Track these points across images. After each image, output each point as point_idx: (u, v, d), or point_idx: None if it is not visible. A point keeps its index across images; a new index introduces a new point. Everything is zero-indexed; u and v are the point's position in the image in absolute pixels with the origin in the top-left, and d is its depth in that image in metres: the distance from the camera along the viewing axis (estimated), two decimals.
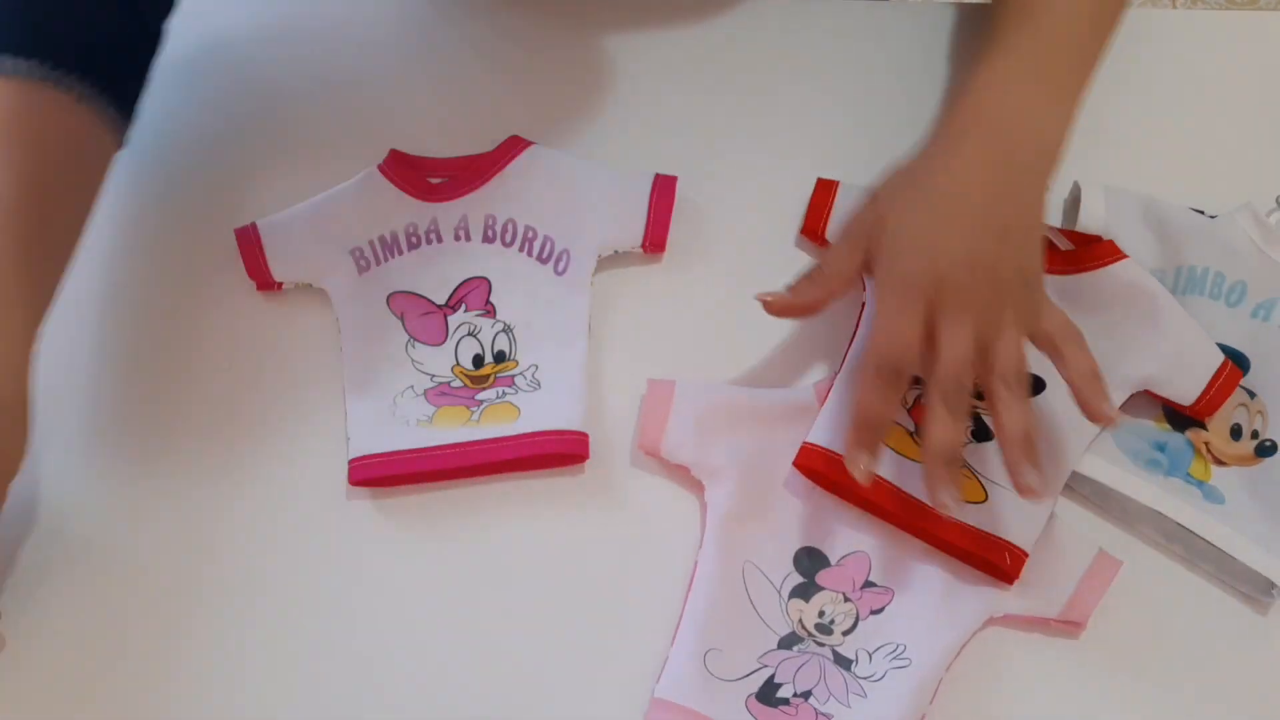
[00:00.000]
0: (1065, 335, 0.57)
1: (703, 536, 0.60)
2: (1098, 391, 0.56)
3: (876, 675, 0.57)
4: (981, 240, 0.57)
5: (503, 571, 0.61)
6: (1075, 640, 0.59)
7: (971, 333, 0.55)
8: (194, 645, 0.59)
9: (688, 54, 0.75)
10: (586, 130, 0.73)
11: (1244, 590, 0.60)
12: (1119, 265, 0.64)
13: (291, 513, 0.62)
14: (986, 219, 0.58)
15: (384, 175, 0.69)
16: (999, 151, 0.60)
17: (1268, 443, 0.62)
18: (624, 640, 0.59)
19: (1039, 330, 0.57)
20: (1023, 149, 0.60)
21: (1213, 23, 0.84)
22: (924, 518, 0.59)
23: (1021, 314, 0.57)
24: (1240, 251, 0.66)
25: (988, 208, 0.58)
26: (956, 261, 0.56)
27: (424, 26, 0.77)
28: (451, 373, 0.64)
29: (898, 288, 0.56)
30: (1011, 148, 0.60)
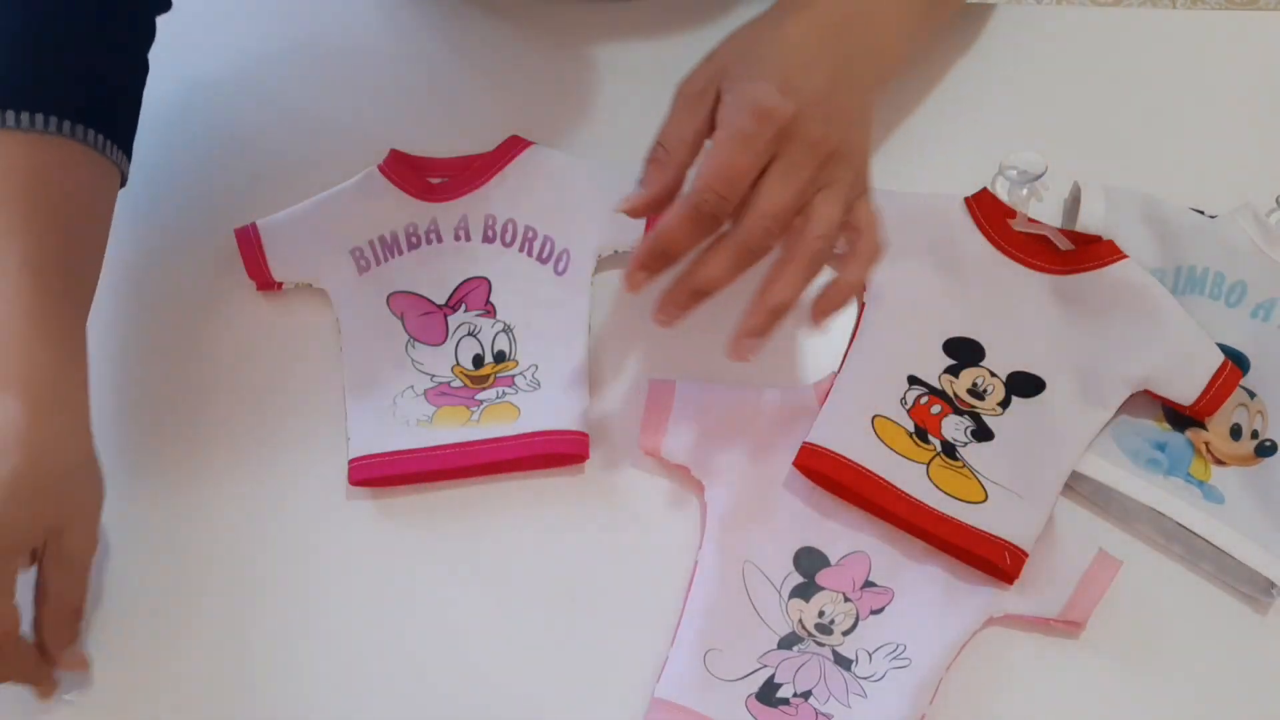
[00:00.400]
0: (872, 226, 0.56)
1: (703, 536, 0.60)
2: (820, 306, 0.56)
3: (876, 675, 0.57)
4: (838, 90, 0.54)
5: (503, 571, 0.61)
6: (1075, 640, 0.59)
7: (800, 188, 0.53)
8: (194, 645, 0.59)
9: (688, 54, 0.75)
10: (586, 130, 0.73)
11: (1244, 590, 0.60)
12: (1119, 265, 0.64)
13: (291, 513, 0.62)
14: (838, 73, 0.55)
15: (384, 175, 0.69)
16: (843, 26, 0.57)
17: (1268, 443, 0.62)
18: (624, 640, 0.59)
19: (859, 209, 0.56)
20: (865, 36, 0.58)
21: (1213, 23, 0.84)
22: (924, 518, 0.59)
23: (855, 185, 0.55)
24: (1240, 251, 0.66)
25: (838, 66, 0.55)
26: (814, 100, 0.53)
27: (424, 27, 0.77)
28: (451, 373, 0.64)
29: (748, 114, 0.52)
30: (853, 30, 0.57)
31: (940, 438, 0.62)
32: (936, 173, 0.70)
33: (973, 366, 0.64)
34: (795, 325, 0.66)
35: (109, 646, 0.59)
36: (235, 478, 0.63)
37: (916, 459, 0.61)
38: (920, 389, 0.63)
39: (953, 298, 0.65)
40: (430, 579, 0.61)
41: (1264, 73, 0.75)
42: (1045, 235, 0.66)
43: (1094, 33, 0.77)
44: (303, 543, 0.61)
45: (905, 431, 0.62)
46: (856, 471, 0.59)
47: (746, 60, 0.54)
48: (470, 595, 0.60)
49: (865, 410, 0.62)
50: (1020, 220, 0.66)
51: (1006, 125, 0.73)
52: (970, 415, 0.62)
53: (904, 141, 0.72)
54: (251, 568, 0.61)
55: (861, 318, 0.65)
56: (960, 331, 0.64)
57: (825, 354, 0.65)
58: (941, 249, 0.66)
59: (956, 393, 0.63)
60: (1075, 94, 0.74)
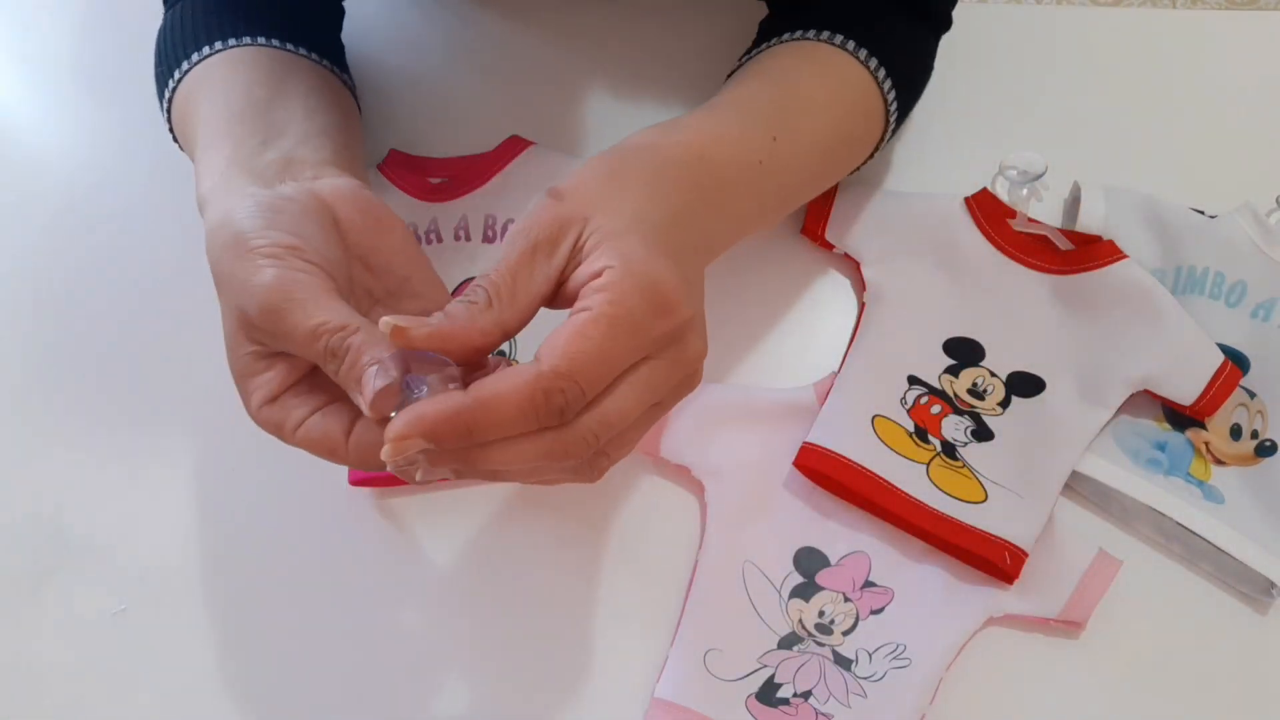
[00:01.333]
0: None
1: (703, 536, 0.60)
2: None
3: (876, 675, 0.57)
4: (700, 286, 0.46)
5: (502, 571, 0.61)
6: (1075, 640, 0.59)
7: (654, 402, 0.43)
8: (193, 645, 0.59)
9: (688, 54, 0.75)
10: (586, 130, 0.73)
11: (1243, 590, 0.60)
12: (1119, 265, 0.64)
13: (291, 513, 0.62)
14: (703, 260, 0.48)
15: (384, 175, 0.69)
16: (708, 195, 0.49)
17: (1268, 443, 0.62)
18: (624, 640, 0.59)
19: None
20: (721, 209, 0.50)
21: (1213, 23, 0.84)
22: (924, 518, 0.59)
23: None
24: (1240, 251, 0.66)
25: (707, 251, 0.48)
26: (699, 305, 0.44)
27: (424, 27, 0.77)
28: None
29: (646, 300, 0.41)
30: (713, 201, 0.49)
31: (940, 438, 0.62)
32: (936, 173, 0.70)
33: (972, 366, 0.64)
34: (794, 325, 0.67)
35: (109, 646, 0.59)
36: (235, 477, 0.63)
37: (916, 459, 0.61)
38: (920, 389, 0.63)
39: (953, 298, 0.65)
40: (430, 579, 0.61)
41: (1264, 73, 0.75)
42: (1045, 235, 0.66)
43: (1094, 33, 0.77)
44: (303, 543, 0.61)
45: (905, 431, 0.62)
46: (856, 471, 0.59)
47: (618, 213, 0.43)
48: (470, 595, 0.60)
49: (865, 410, 0.62)
50: (1020, 220, 0.66)
51: (1006, 125, 0.73)
52: (970, 415, 0.62)
53: (903, 141, 0.72)
54: (251, 567, 0.61)
55: (861, 318, 0.65)
56: (960, 331, 0.65)
57: (825, 354, 0.65)
58: (941, 249, 0.66)
59: (956, 393, 0.63)
60: (1075, 94, 0.74)
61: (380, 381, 0.40)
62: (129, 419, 0.65)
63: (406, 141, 0.70)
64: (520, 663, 0.59)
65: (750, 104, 0.56)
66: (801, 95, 0.58)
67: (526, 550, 0.61)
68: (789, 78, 0.59)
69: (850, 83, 0.60)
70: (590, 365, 0.40)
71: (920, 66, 0.65)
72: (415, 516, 0.62)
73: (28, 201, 0.73)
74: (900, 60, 0.62)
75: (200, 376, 0.66)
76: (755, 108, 0.56)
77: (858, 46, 0.60)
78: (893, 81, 0.61)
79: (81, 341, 0.67)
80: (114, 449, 0.64)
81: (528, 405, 0.39)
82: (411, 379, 0.41)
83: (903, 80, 0.62)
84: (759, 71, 0.60)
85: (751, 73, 0.60)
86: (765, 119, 0.55)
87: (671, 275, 0.42)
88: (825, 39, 0.60)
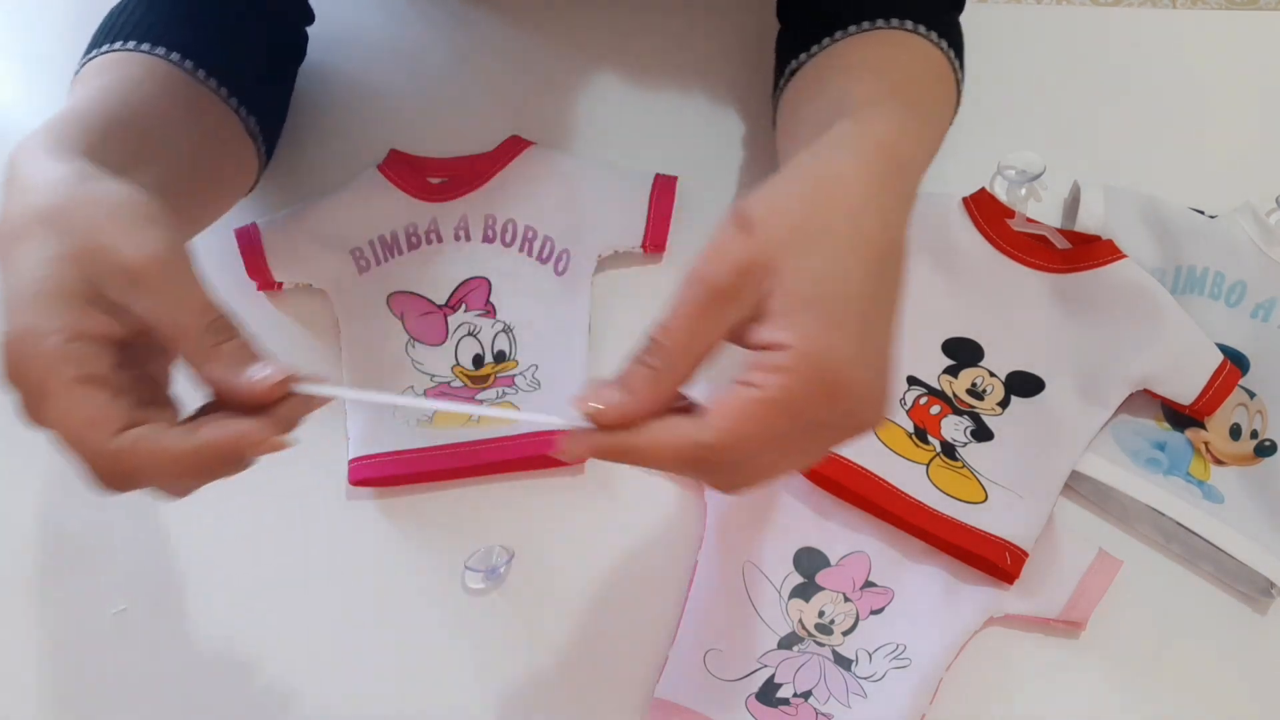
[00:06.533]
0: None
1: (703, 536, 0.60)
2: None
3: (877, 675, 0.57)
4: (887, 347, 0.42)
5: (502, 571, 0.61)
6: (1075, 640, 0.59)
7: (811, 462, 0.44)
8: (193, 645, 0.59)
9: (688, 54, 0.75)
10: (586, 130, 0.73)
11: (1243, 590, 0.60)
12: (1118, 265, 0.64)
13: (291, 513, 0.62)
14: (891, 321, 0.42)
15: (384, 175, 0.69)
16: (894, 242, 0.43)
17: (1267, 442, 0.62)
18: (624, 640, 0.59)
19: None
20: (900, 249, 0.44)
21: (1213, 23, 0.84)
22: (924, 518, 0.59)
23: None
24: (1240, 251, 0.66)
25: (892, 310, 0.42)
26: (880, 374, 0.41)
27: (424, 27, 0.77)
28: (451, 373, 0.64)
29: (817, 387, 0.39)
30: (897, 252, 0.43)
31: (940, 438, 0.62)
32: (935, 172, 0.69)
33: (972, 366, 0.64)
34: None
35: (108, 645, 0.59)
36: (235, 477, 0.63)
37: (916, 459, 0.61)
38: (919, 389, 0.63)
39: (951, 298, 0.65)
40: (430, 579, 0.61)
41: (1264, 73, 0.75)
42: (1044, 235, 0.66)
43: (1094, 33, 0.77)
44: (303, 543, 0.62)
45: (905, 432, 0.62)
46: (856, 472, 0.59)
47: (807, 273, 0.40)
48: (470, 595, 0.60)
49: None
50: (1019, 220, 0.66)
51: (1006, 125, 0.73)
52: (970, 415, 0.62)
53: None
54: (251, 567, 0.61)
55: None
56: (959, 331, 0.64)
57: None
58: (940, 249, 0.66)
59: (956, 393, 0.63)
60: (1075, 94, 0.74)
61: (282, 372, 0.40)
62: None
63: (406, 141, 0.70)
64: (520, 662, 0.59)
65: (903, 96, 0.53)
66: (923, 84, 0.56)
67: (526, 550, 0.61)
68: (902, 68, 0.56)
69: (938, 69, 0.58)
70: (750, 445, 0.39)
71: (963, 46, 0.63)
72: (415, 516, 0.62)
73: None
74: (956, 42, 0.60)
75: None
76: (909, 100, 0.53)
77: (933, 33, 0.58)
78: (959, 62, 0.60)
79: None
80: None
81: (684, 461, 0.40)
82: None
83: (963, 62, 0.61)
84: (868, 64, 0.56)
85: (859, 63, 0.57)
86: (922, 112, 0.53)
87: (851, 359, 0.39)
88: (908, 28, 0.57)
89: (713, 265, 0.40)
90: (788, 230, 0.41)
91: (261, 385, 0.40)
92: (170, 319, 0.40)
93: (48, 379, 0.38)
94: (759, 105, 0.73)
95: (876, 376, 0.41)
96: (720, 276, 0.40)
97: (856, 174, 0.43)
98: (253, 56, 0.63)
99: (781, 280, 0.40)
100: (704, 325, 0.41)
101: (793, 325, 0.39)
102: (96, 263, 0.39)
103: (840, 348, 0.39)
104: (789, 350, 0.39)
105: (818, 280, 0.40)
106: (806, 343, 0.39)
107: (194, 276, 0.40)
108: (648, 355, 0.41)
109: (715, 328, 0.41)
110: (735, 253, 0.40)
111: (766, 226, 0.41)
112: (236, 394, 0.40)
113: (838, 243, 0.41)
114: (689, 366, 0.41)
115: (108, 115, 0.50)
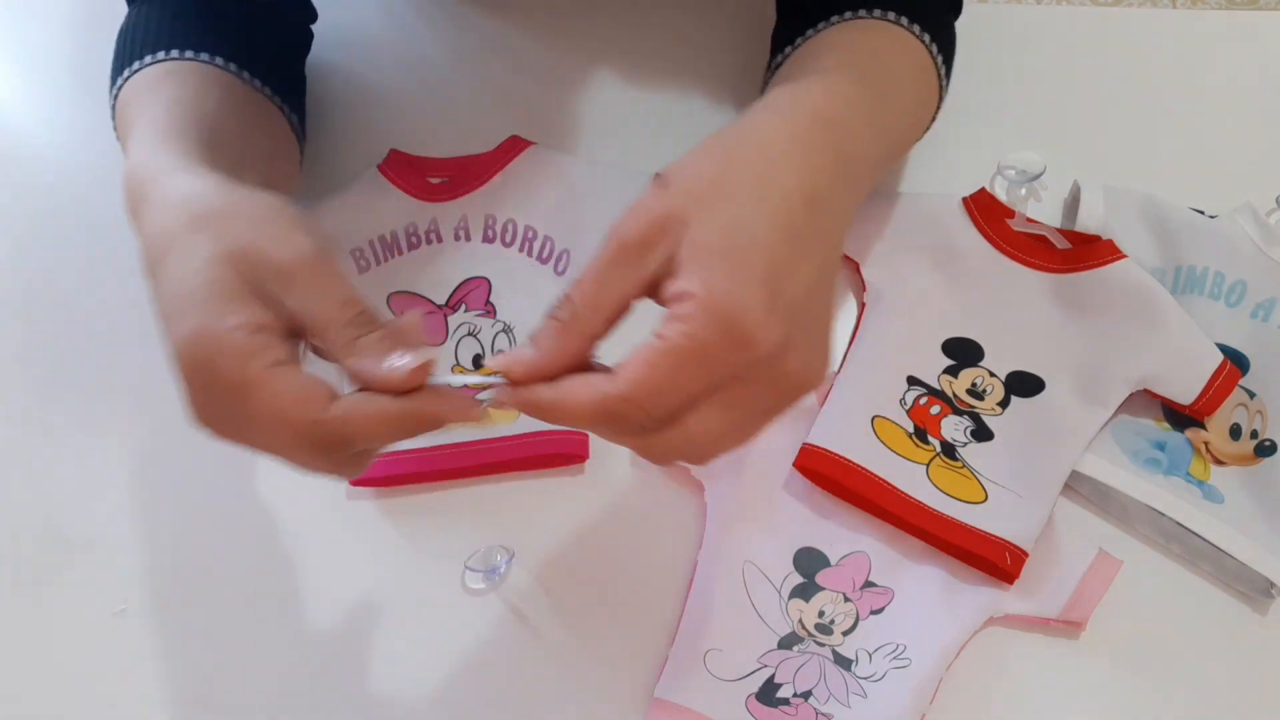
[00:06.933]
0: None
1: (703, 536, 0.60)
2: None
3: (876, 675, 0.57)
4: (818, 298, 0.42)
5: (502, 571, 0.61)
6: (1075, 640, 0.59)
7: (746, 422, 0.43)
8: (193, 644, 0.59)
9: (688, 54, 0.75)
10: (586, 130, 0.73)
11: (1243, 590, 0.60)
12: (1118, 265, 0.64)
13: (291, 512, 0.62)
14: (823, 272, 0.43)
15: (384, 175, 0.69)
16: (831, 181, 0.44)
17: (1267, 442, 0.62)
18: (624, 640, 0.59)
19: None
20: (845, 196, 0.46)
21: (1213, 23, 0.84)
22: (924, 518, 0.59)
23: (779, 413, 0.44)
24: (1240, 251, 0.66)
25: (825, 260, 0.43)
26: (802, 324, 0.41)
27: (424, 27, 0.77)
28: (451, 373, 0.64)
29: (720, 331, 0.39)
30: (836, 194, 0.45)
31: (940, 438, 0.62)
32: (935, 172, 0.70)
33: (972, 366, 0.64)
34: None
35: (107, 646, 0.59)
36: (235, 478, 0.63)
37: (916, 459, 0.61)
38: (919, 389, 0.63)
39: (951, 298, 0.65)
40: (430, 579, 0.61)
41: (1264, 73, 0.75)
42: (1044, 235, 0.66)
43: (1094, 33, 0.77)
44: (303, 543, 0.62)
45: (905, 432, 0.62)
46: (856, 472, 0.59)
47: (716, 225, 0.41)
48: (469, 594, 0.60)
49: (865, 411, 0.62)
50: (1019, 220, 0.66)
51: (1006, 125, 0.73)
52: (970, 415, 0.62)
53: None
54: (252, 567, 0.61)
55: (861, 319, 0.65)
56: (959, 331, 0.65)
57: None
58: (940, 249, 0.66)
59: (956, 393, 0.63)
60: (1075, 94, 0.74)
61: (419, 359, 0.41)
62: (129, 419, 0.65)
63: (406, 141, 0.70)
64: (520, 662, 0.59)
65: (855, 70, 0.54)
66: (886, 66, 0.57)
67: (526, 550, 0.61)
68: (867, 49, 0.57)
69: (916, 59, 0.59)
70: (654, 393, 0.40)
71: (953, 48, 0.64)
72: (415, 516, 0.62)
73: (26, 199, 0.73)
74: (946, 42, 0.61)
75: None
76: (861, 74, 0.53)
77: (915, 25, 0.59)
78: (944, 59, 0.61)
79: (82, 340, 0.67)
80: (115, 448, 0.64)
81: (598, 417, 0.40)
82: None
83: (949, 61, 0.62)
84: (834, 45, 0.57)
85: (826, 45, 0.58)
86: (874, 86, 0.53)
87: (757, 306, 0.39)
88: (891, 19, 0.58)
89: (626, 221, 0.42)
90: (701, 185, 0.42)
91: (396, 375, 0.41)
92: (319, 312, 0.41)
93: (246, 370, 0.40)
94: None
95: (792, 325, 0.40)
96: (630, 231, 0.41)
97: (775, 130, 0.44)
98: (282, 56, 0.65)
99: (689, 232, 0.41)
100: (613, 279, 0.41)
101: (696, 274, 0.40)
102: (250, 262, 0.41)
103: (745, 294, 0.39)
104: (693, 299, 0.39)
105: (724, 231, 0.41)
106: (709, 290, 0.39)
107: (338, 274, 0.42)
108: (557, 310, 0.42)
109: (624, 282, 0.41)
110: (648, 209, 0.42)
111: (681, 183, 0.42)
112: (375, 384, 0.41)
113: (748, 194, 0.42)
114: (599, 321, 0.41)
115: (200, 127, 0.52)
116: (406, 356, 0.41)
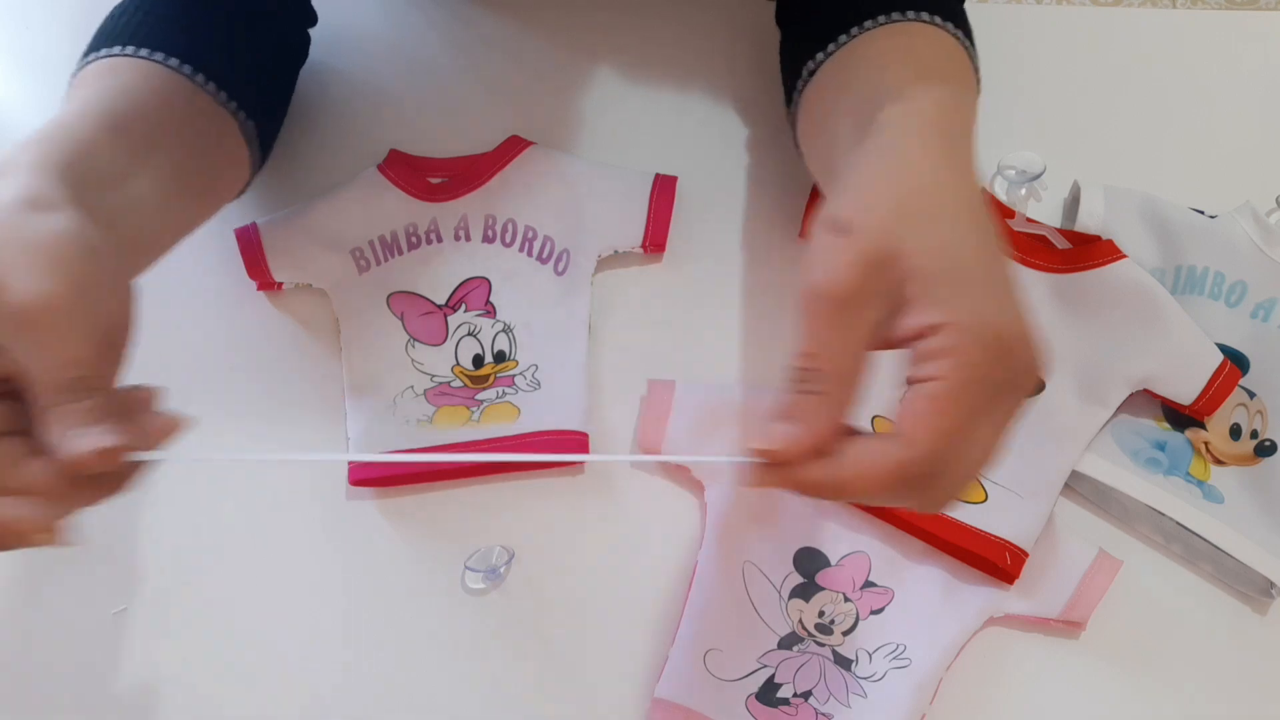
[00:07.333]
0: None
1: (703, 536, 0.60)
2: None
3: (876, 675, 0.57)
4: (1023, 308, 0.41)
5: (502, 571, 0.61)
6: (1075, 640, 0.59)
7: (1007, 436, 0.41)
8: (194, 644, 0.59)
9: (689, 54, 0.75)
10: (586, 130, 0.73)
11: (1243, 590, 0.60)
12: (1118, 265, 0.64)
13: (291, 512, 0.62)
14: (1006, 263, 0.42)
15: (384, 175, 0.69)
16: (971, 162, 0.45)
17: (1267, 442, 0.62)
18: (624, 640, 0.59)
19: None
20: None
21: (1213, 23, 0.84)
22: (924, 518, 0.59)
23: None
24: (1240, 251, 0.66)
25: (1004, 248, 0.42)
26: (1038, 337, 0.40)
27: (424, 27, 0.77)
28: (451, 373, 0.64)
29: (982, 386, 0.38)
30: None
31: None
32: None
33: None
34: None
35: (107, 646, 0.59)
36: (235, 477, 0.63)
37: None
38: None
39: None
40: (430, 579, 0.61)
41: (1264, 73, 0.75)
42: (1044, 235, 0.66)
43: (1094, 33, 0.77)
44: (303, 543, 0.62)
45: None
46: None
47: (929, 250, 0.39)
48: (470, 595, 0.60)
49: (864, 410, 0.62)
50: (1019, 220, 0.66)
51: (1006, 125, 0.73)
52: None
53: None
54: (252, 567, 0.61)
55: None
56: None
57: None
58: None
59: None
60: (1075, 94, 0.74)
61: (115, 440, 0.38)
62: None
63: (406, 141, 0.70)
64: (520, 662, 0.59)
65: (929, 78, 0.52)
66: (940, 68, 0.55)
67: (526, 550, 0.61)
68: (920, 55, 0.56)
69: (955, 56, 0.57)
70: (955, 442, 0.38)
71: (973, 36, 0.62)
72: (415, 516, 0.62)
73: None
74: (969, 30, 0.60)
75: (200, 376, 0.66)
76: (943, 82, 0.52)
77: (949, 23, 0.57)
78: (974, 49, 0.60)
79: None
80: None
81: (891, 485, 0.38)
82: None
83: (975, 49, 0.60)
84: (884, 53, 0.55)
85: (877, 53, 0.55)
86: (954, 95, 0.51)
87: (1007, 315, 0.38)
88: (924, 19, 0.56)
89: (826, 275, 0.39)
90: (890, 218, 0.40)
91: (71, 453, 0.37)
92: (36, 366, 0.37)
93: None
94: (759, 105, 0.73)
95: (1028, 324, 0.39)
96: (839, 283, 0.39)
97: (923, 152, 0.43)
98: (253, 59, 0.63)
99: (907, 264, 0.39)
100: (845, 337, 0.39)
101: (939, 302, 0.38)
102: None
103: (990, 306, 0.38)
104: (947, 327, 0.38)
105: (942, 252, 0.39)
106: (960, 314, 0.38)
107: (87, 328, 0.38)
108: (804, 383, 0.39)
109: (857, 337, 0.39)
110: (845, 256, 0.39)
111: (866, 222, 0.40)
112: (57, 456, 0.37)
113: (938, 213, 0.40)
114: (850, 385, 0.39)
115: (99, 122, 0.50)
116: (92, 436, 0.37)
